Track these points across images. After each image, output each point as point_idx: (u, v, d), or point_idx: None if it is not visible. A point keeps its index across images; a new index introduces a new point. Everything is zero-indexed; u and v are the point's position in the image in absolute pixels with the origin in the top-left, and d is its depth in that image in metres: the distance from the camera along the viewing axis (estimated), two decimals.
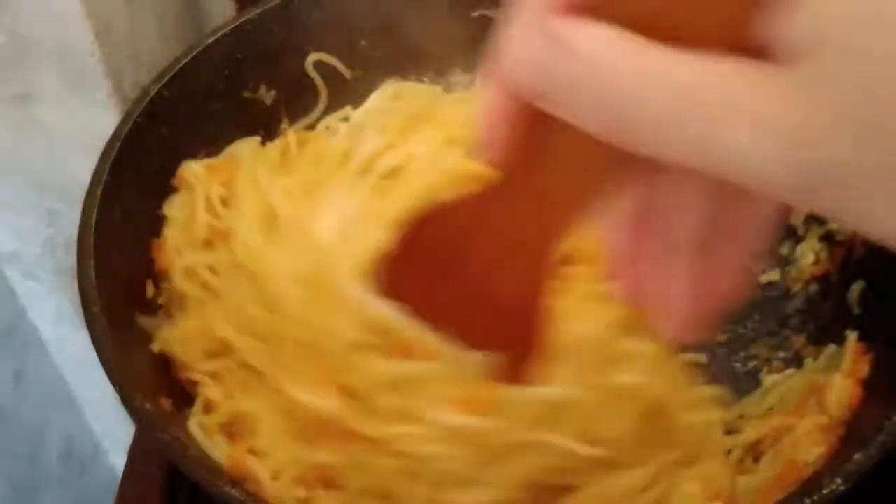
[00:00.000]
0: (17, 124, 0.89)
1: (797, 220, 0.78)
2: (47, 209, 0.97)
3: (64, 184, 0.95)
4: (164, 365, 0.67)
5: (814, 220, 0.77)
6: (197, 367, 0.67)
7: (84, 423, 1.20)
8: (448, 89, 0.89)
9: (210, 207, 0.73)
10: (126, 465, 0.78)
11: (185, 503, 0.74)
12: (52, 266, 1.03)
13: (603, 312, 0.64)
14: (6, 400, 1.02)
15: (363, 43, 0.86)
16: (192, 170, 0.75)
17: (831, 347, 0.70)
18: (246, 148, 0.79)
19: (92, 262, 0.61)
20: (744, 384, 0.73)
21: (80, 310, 0.60)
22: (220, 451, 0.62)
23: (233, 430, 0.65)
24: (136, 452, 0.79)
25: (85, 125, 0.89)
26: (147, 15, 0.92)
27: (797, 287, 0.77)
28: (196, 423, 0.64)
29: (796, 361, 0.73)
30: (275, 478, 0.61)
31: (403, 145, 0.81)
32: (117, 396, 0.57)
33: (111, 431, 1.22)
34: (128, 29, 0.88)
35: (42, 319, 1.08)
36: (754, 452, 0.67)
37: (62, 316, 1.07)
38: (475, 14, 0.88)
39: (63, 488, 1.12)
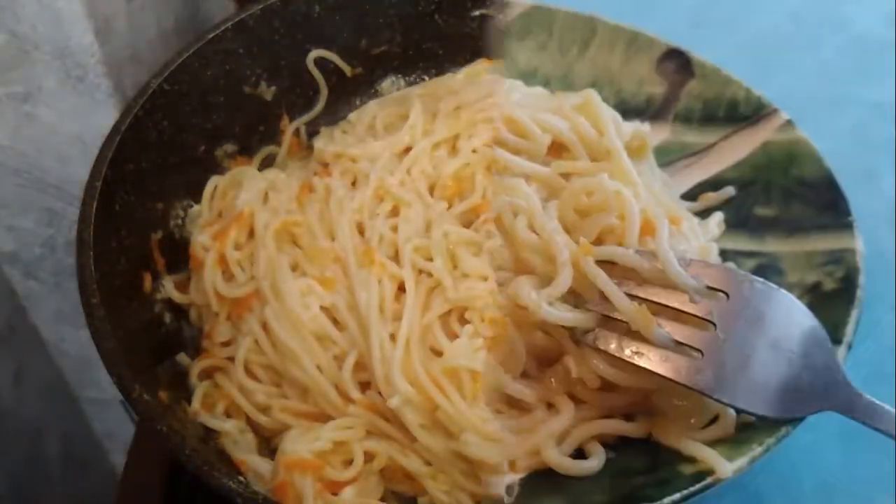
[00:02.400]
0: (17, 124, 0.89)
1: None
2: (47, 209, 0.98)
3: (64, 184, 0.95)
4: (162, 357, 0.66)
5: None
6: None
7: (84, 423, 1.20)
8: None
9: (229, 276, 0.69)
10: (126, 465, 0.78)
11: (184, 503, 0.74)
12: (52, 266, 1.03)
13: None
14: (6, 400, 1.01)
15: (364, 41, 0.86)
16: (201, 243, 0.71)
17: None
18: (252, 197, 0.74)
19: (91, 253, 0.60)
20: None
21: (80, 310, 0.59)
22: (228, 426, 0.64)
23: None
24: (136, 452, 0.78)
25: (85, 125, 0.89)
26: (147, 14, 0.92)
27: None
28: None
29: None
30: None
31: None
32: (115, 388, 0.57)
33: (111, 431, 1.21)
34: (128, 28, 0.88)
35: (42, 319, 1.08)
36: None
37: (62, 316, 1.07)
38: (475, 14, 0.88)
39: (63, 488, 1.12)
